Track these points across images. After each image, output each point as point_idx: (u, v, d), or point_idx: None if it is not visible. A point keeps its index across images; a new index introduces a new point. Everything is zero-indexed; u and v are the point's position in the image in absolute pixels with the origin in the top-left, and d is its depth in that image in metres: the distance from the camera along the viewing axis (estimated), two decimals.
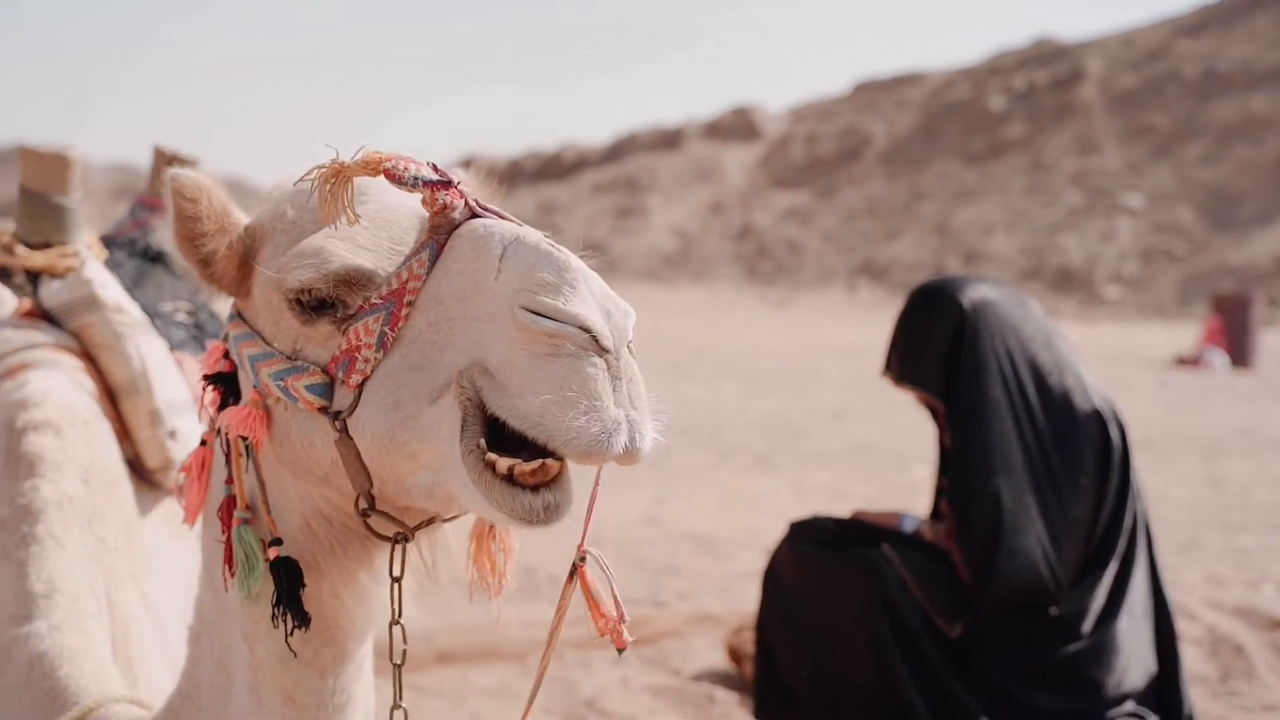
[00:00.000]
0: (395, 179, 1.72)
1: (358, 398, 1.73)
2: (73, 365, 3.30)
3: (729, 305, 32.35)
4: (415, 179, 1.71)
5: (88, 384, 3.06)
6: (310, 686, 1.96)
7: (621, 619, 1.81)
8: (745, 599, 6.64)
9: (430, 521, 1.87)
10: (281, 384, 1.82)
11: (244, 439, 1.87)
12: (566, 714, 4.97)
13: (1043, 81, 46.84)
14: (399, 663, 1.96)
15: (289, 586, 1.87)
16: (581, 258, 1.71)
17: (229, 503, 1.92)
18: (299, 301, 1.80)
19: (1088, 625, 4.00)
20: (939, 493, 4.36)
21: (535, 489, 1.60)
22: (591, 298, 1.58)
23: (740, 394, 15.68)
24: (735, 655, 5.26)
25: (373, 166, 1.73)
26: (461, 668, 5.35)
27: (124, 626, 2.57)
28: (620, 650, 1.82)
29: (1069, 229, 38.71)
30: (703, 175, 48.31)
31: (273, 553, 1.88)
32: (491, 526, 2.07)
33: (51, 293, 3.52)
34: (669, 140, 51.57)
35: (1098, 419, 4.07)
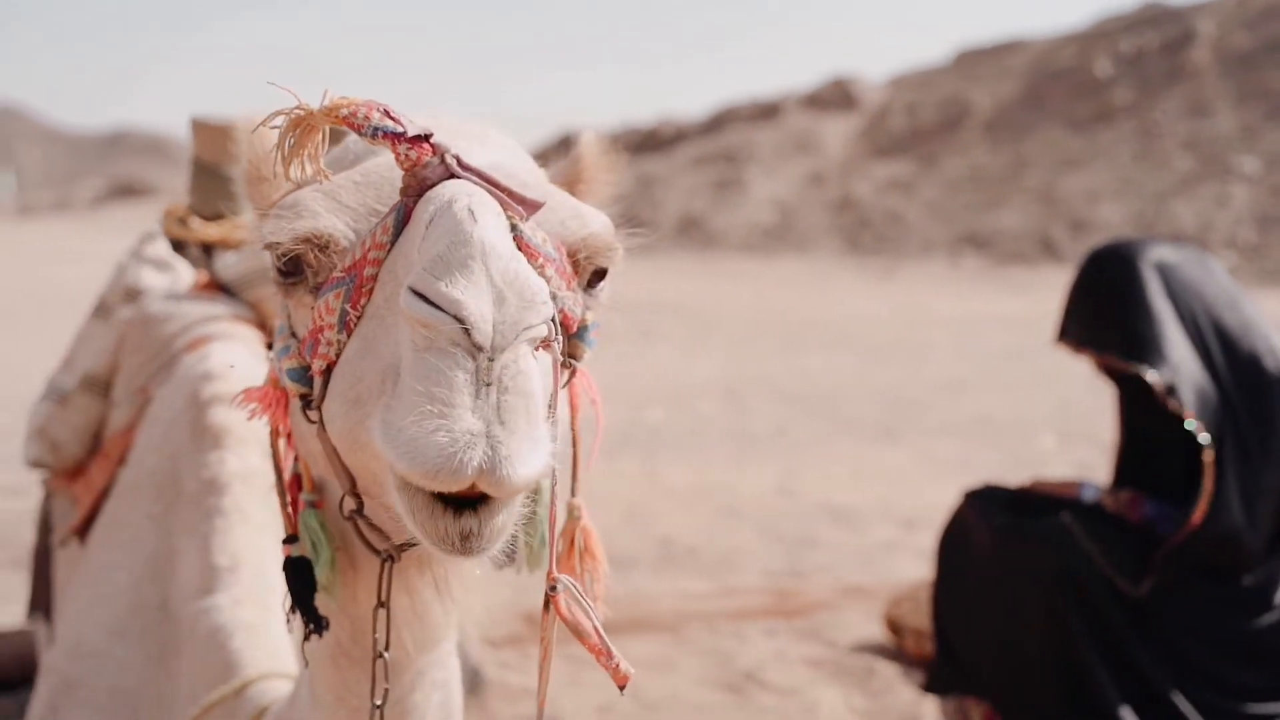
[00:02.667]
0: (355, 128, 1.50)
1: (325, 386, 1.54)
2: (252, 337, 3.33)
3: (829, 277, 32.03)
4: (376, 129, 1.48)
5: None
6: (362, 689, 1.81)
7: (609, 653, 1.51)
8: (890, 570, 6.57)
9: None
10: (279, 364, 1.67)
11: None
12: (727, 685, 4.94)
13: (1152, 45, 45.61)
14: (379, 703, 1.77)
15: (299, 589, 1.74)
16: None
17: (295, 481, 1.79)
18: (279, 268, 1.63)
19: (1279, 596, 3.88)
20: (1120, 462, 4.23)
21: (460, 510, 1.36)
22: (485, 281, 1.32)
23: (854, 366, 15.49)
24: (894, 627, 5.19)
25: (332, 114, 1.51)
26: (615, 638, 5.32)
27: None
28: (621, 687, 1.53)
29: (1180, 195, 37.72)
30: (801, 147, 47.83)
31: (285, 550, 1.76)
32: (576, 540, 1.89)
33: (227, 265, 3.55)
34: (767, 112, 51.11)
35: None
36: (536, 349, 1.37)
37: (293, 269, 1.61)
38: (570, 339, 1.67)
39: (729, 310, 22.27)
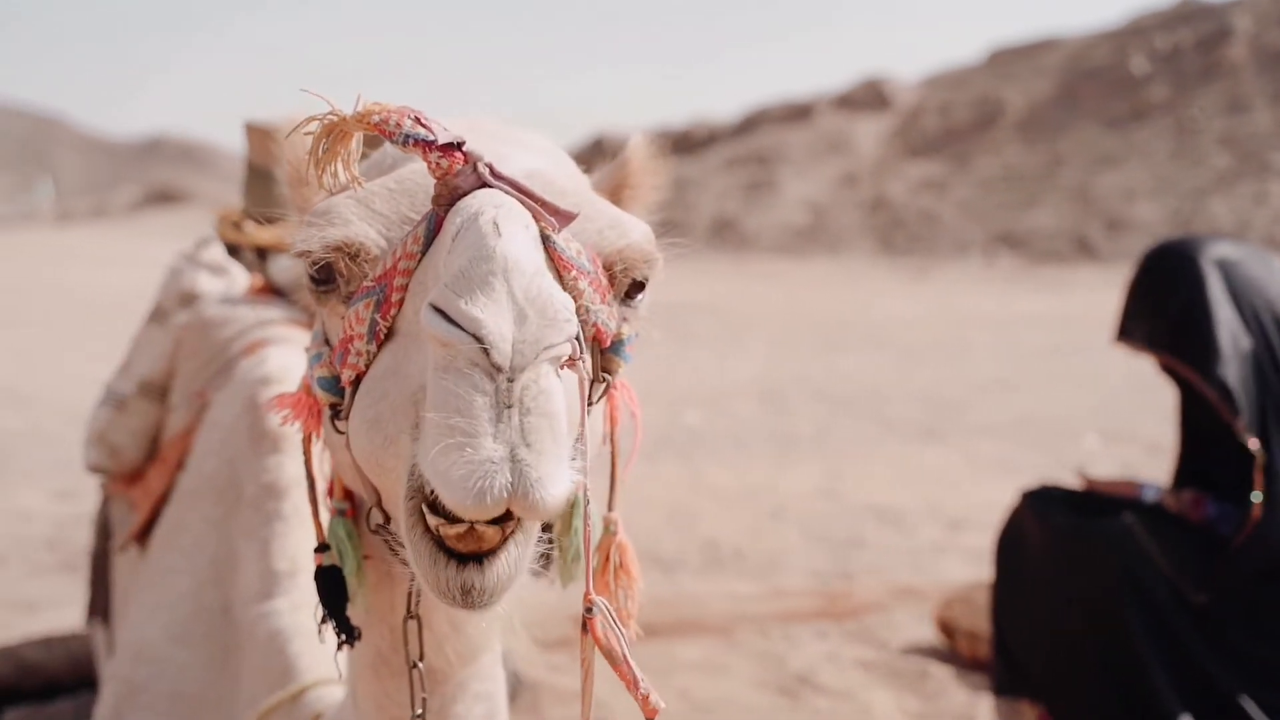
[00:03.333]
0: (386, 135, 1.46)
1: (353, 396, 1.50)
2: (307, 340, 3.32)
3: (863, 277, 31.94)
4: (407, 137, 1.44)
5: None
6: (402, 699, 1.78)
7: (638, 682, 1.44)
8: (939, 571, 6.53)
9: None
10: (311, 371, 1.63)
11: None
12: (780, 688, 4.91)
13: (1188, 42, 45.25)
14: (419, 713, 1.74)
15: (330, 598, 1.72)
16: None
17: (329, 488, 1.77)
18: (312, 276, 1.59)
19: None
20: (1181, 462, 4.17)
21: (464, 561, 1.32)
22: (507, 298, 1.27)
23: (893, 366, 15.42)
24: (947, 629, 5.15)
25: (364, 120, 1.48)
26: (665, 641, 5.31)
27: None
28: None
29: (1217, 193, 37.40)
30: (834, 148, 47.71)
31: (316, 559, 1.74)
32: (611, 555, 1.84)
33: (281, 268, 3.55)
34: (799, 114, 51.02)
35: None
36: (561, 367, 1.32)
37: (325, 277, 1.58)
38: (605, 353, 1.62)
39: (763, 311, 22.23)
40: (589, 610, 1.44)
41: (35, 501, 8.05)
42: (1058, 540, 3.95)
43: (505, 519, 1.31)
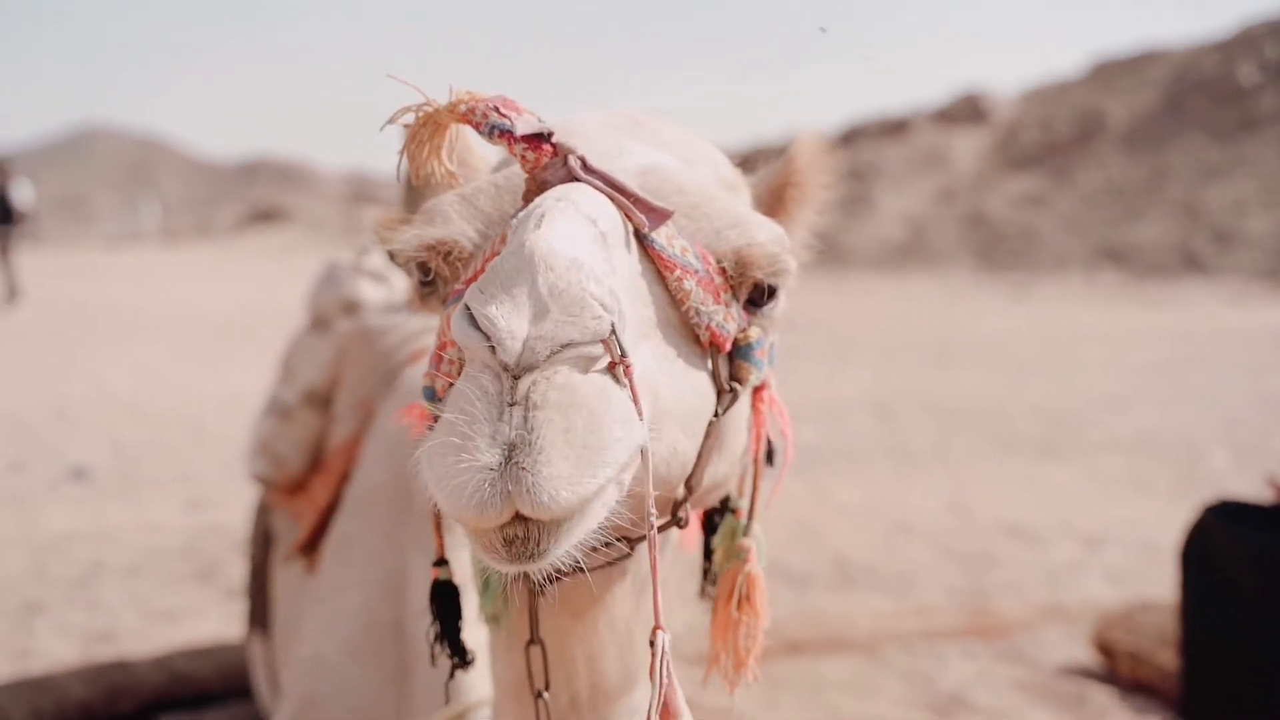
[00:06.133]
0: (474, 126, 1.38)
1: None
2: None
3: (962, 293, 31.58)
4: (493, 127, 1.35)
5: None
6: None
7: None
8: (1082, 590, 6.35)
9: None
10: (422, 380, 1.53)
11: None
12: (931, 707, 4.78)
13: None
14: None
15: (446, 617, 1.63)
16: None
17: None
18: (418, 278, 1.53)
19: None
20: None
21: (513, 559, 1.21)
22: (528, 294, 1.16)
23: (1004, 381, 15.12)
24: (1106, 650, 4.98)
25: (454, 111, 1.40)
26: (812, 658, 5.21)
27: None
28: None
29: None
30: (931, 162, 47.27)
31: (433, 573, 1.65)
32: (736, 585, 1.71)
33: None
34: (896, 129, 50.65)
35: None
36: (607, 369, 1.20)
37: (429, 279, 1.52)
38: (732, 359, 1.54)
39: (866, 327, 22.00)
40: (653, 644, 1.32)
41: (165, 513, 8.16)
42: (1264, 561, 3.77)
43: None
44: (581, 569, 1.27)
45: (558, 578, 1.36)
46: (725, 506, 1.86)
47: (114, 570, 6.85)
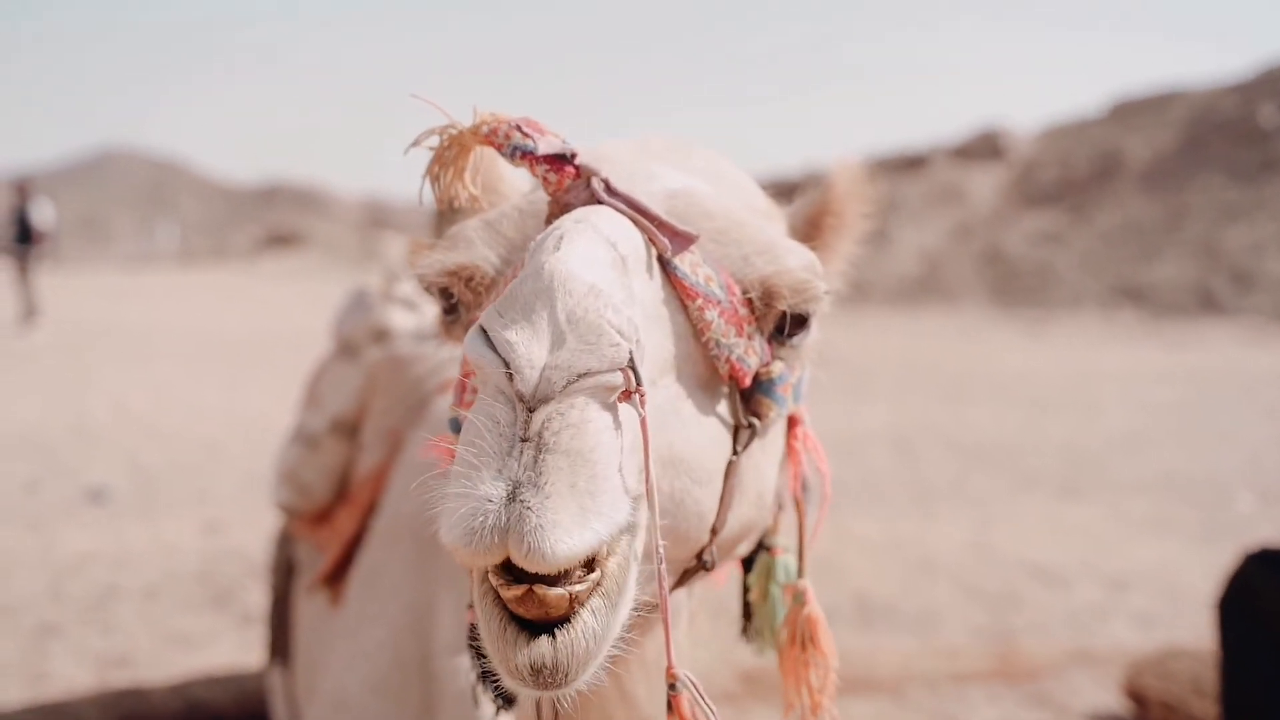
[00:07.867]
0: (497, 148, 1.35)
1: None
2: None
3: (977, 330, 31.48)
4: (515, 149, 1.33)
5: None
6: None
7: None
8: (1107, 634, 6.27)
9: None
10: (447, 412, 1.50)
11: None
12: None
13: None
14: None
15: (482, 658, 1.58)
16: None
17: None
18: (441, 306, 1.50)
19: None
20: None
21: (536, 632, 1.14)
22: (547, 319, 1.12)
23: (1022, 419, 15.06)
24: (1138, 697, 4.89)
25: (477, 132, 1.36)
26: (837, 698, 5.14)
27: None
28: None
29: None
30: (948, 198, 47.28)
31: (469, 615, 1.56)
32: (799, 628, 1.68)
33: None
34: (914, 164, 50.69)
35: None
36: (617, 399, 1.15)
37: (453, 304, 1.48)
38: (753, 394, 1.48)
39: (882, 362, 21.92)
40: (673, 687, 1.26)
41: (182, 536, 8.12)
42: None
43: (566, 579, 1.13)
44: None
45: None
46: (761, 544, 1.82)
47: (130, 593, 6.81)
